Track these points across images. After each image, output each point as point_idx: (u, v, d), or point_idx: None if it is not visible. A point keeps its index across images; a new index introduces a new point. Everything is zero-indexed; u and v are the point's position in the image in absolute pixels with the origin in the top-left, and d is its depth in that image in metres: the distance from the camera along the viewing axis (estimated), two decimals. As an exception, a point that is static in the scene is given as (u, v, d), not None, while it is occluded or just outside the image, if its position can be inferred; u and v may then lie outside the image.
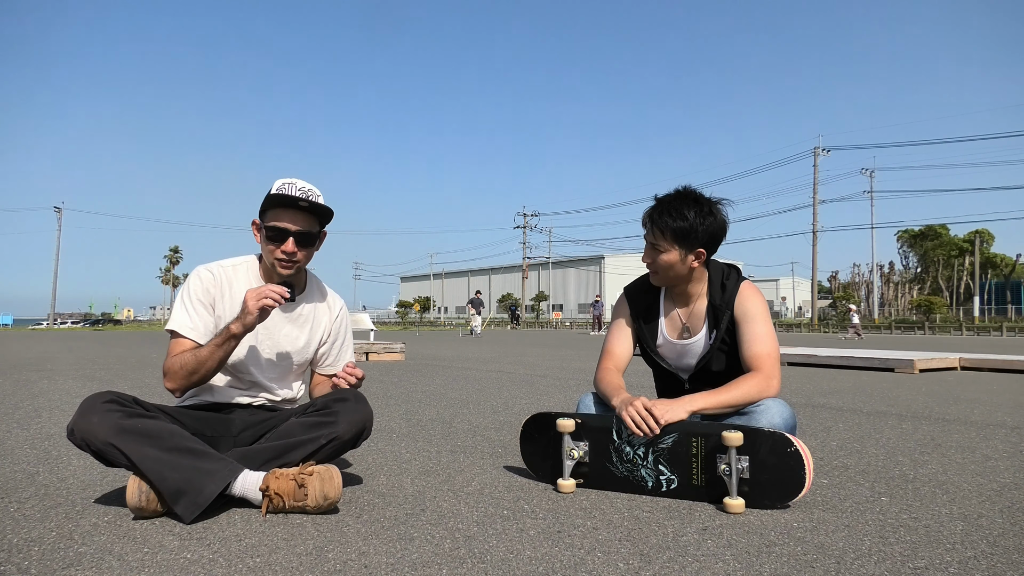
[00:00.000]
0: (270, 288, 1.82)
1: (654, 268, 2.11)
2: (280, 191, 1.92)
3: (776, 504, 1.78)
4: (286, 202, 1.91)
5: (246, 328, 1.84)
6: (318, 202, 1.94)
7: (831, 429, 3.15)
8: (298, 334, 2.08)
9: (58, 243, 51.64)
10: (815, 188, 39.05)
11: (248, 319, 1.82)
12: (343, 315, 2.20)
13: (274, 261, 1.95)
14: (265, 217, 1.95)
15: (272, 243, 1.93)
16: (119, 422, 1.68)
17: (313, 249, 2.01)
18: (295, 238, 1.92)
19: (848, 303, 30.43)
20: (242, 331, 1.84)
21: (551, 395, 4.54)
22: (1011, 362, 6.60)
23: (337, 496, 1.70)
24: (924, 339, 19.48)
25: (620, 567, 1.37)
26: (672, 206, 2.03)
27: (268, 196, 1.93)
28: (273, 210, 1.93)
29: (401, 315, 62.45)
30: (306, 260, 2.00)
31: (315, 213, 1.96)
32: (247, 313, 1.81)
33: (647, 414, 1.87)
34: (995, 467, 2.33)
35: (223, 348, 1.85)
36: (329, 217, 2.01)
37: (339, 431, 1.84)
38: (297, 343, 2.08)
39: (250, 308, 1.81)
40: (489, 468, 2.28)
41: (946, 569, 1.37)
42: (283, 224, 1.91)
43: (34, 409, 3.79)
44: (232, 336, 1.84)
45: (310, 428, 1.85)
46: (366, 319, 11.55)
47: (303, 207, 1.92)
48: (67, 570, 1.35)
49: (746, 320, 2.04)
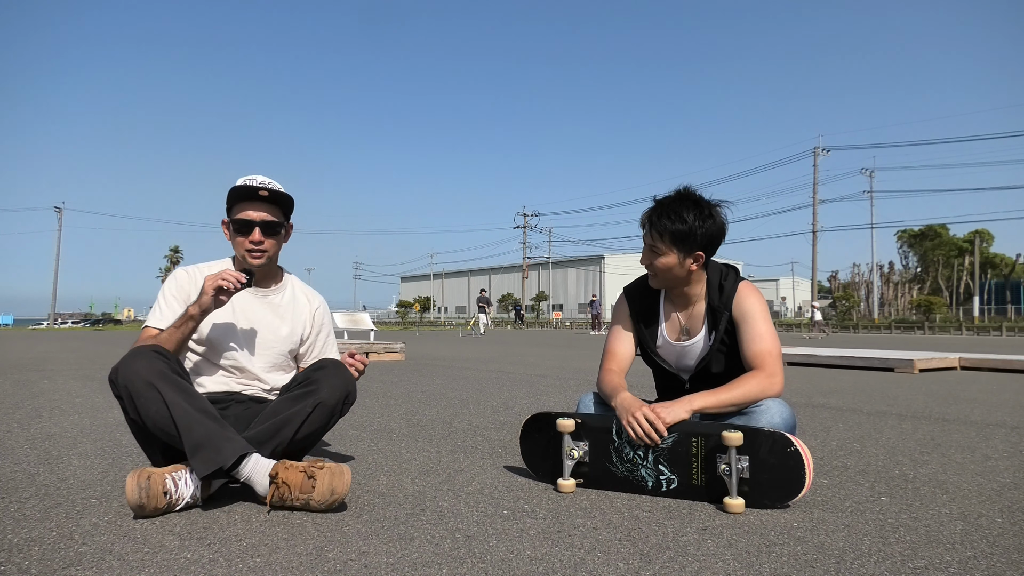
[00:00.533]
0: (227, 271, 1.90)
1: (652, 271, 2.10)
2: (240, 185, 2.05)
3: (776, 504, 1.78)
4: (248, 194, 2.04)
5: (202, 308, 1.90)
6: (278, 190, 2.07)
7: (831, 429, 3.15)
8: (280, 324, 2.17)
9: (58, 243, 51.70)
10: (815, 188, 39.06)
11: (203, 299, 1.89)
12: (323, 309, 2.31)
13: (244, 253, 2.07)
14: (231, 212, 2.07)
15: (240, 235, 2.06)
16: (163, 369, 1.78)
17: (281, 239, 2.13)
18: (260, 227, 2.05)
19: (813, 301, 29.81)
20: (198, 311, 1.91)
21: (551, 395, 4.54)
22: (1011, 362, 6.60)
23: (344, 492, 1.71)
24: (924, 339, 19.48)
25: (620, 567, 1.37)
26: (671, 208, 2.02)
27: (231, 191, 2.06)
28: (237, 204, 2.06)
29: (401, 315, 62.44)
30: (275, 250, 2.12)
31: (277, 203, 2.08)
32: (203, 293, 1.89)
33: (648, 426, 1.86)
34: (995, 467, 2.33)
35: (181, 329, 1.93)
36: (291, 206, 2.14)
37: (323, 396, 1.93)
38: (280, 332, 2.17)
39: (205, 288, 1.88)
40: (489, 468, 2.28)
41: (946, 569, 1.37)
42: (248, 215, 2.04)
43: (34, 409, 3.79)
44: (190, 317, 1.92)
45: (296, 401, 1.93)
46: (366, 319, 11.54)
47: (264, 197, 2.05)
48: (67, 570, 1.35)
49: (745, 319, 2.04)
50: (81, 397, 4.38)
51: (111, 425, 3.18)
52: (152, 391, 1.74)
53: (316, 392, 1.93)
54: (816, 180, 39.08)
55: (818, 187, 39.04)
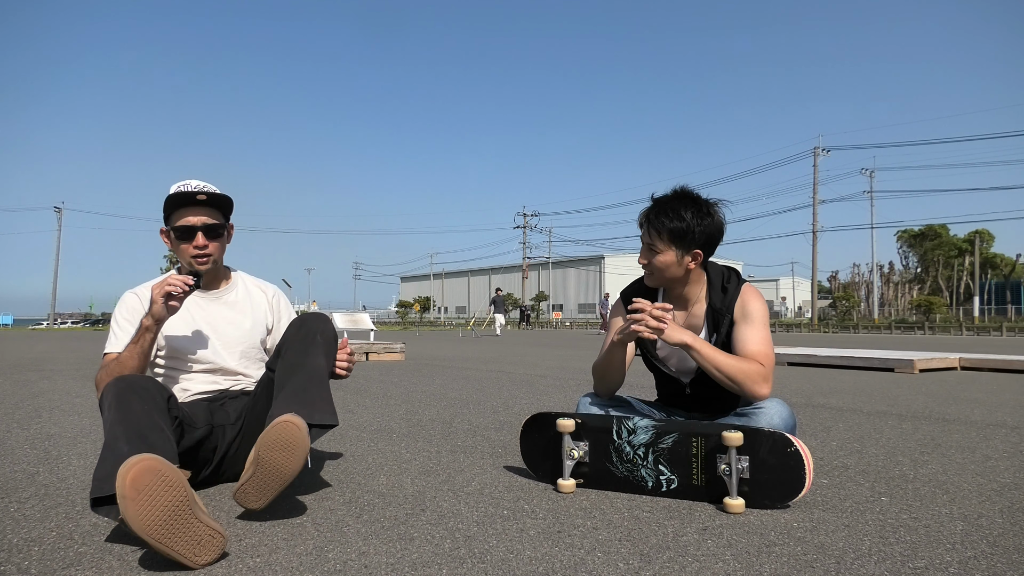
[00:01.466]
0: (172, 276, 1.86)
1: (650, 269, 2.10)
2: (177, 192, 2.01)
3: (776, 504, 1.78)
4: (185, 200, 2.00)
5: (155, 318, 1.85)
6: (215, 192, 2.04)
7: (831, 429, 3.15)
8: (240, 318, 2.16)
9: (58, 243, 51.66)
10: (815, 188, 39.06)
11: (154, 308, 1.84)
12: (278, 295, 2.29)
13: (190, 260, 2.02)
14: (170, 220, 2.03)
15: (183, 242, 2.01)
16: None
17: (224, 241, 2.10)
18: (203, 231, 2.01)
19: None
20: (151, 322, 1.86)
21: (551, 395, 4.54)
22: (1011, 362, 6.60)
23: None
24: (924, 339, 19.48)
25: (620, 567, 1.37)
26: (669, 206, 2.02)
27: (167, 200, 2.00)
28: (176, 212, 2.02)
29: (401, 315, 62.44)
30: (219, 253, 2.09)
31: (215, 205, 2.05)
32: (152, 303, 1.84)
33: (659, 315, 1.92)
34: (995, 467, 2.33)
35: (139, 344, 1.87)
36: (230, 207, 2.10)
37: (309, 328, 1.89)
38: (243, 325, 2.16)
39: (154, 297, 1.84)
40: (489, 468, 2.28)
41: (946, 569, 1.37)
42: (188, 221, 2.00)
43: (34, 409, 3.79)
44: (145, 329, 1.86)
45: (291, 362, 1.84)
46: (366, 319, 11.56)
47: (202, 201, 2.01)
48: (67, 570, 1.35)
49: (744, 322, 2.04)
50: (81, 397, 4.38)
51: (111, 425, 3.18)
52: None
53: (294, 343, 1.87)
54: (816, 180, 39.09)
55: (818, 187, 39.05)
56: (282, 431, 1.57)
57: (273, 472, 1.58)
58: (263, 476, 1.58)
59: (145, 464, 1.34)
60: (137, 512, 1.30)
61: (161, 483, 1.34)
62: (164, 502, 1.33)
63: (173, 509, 1.33)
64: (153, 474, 1.34)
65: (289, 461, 1.57)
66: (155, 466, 1.35)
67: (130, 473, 1.32)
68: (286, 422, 1.58)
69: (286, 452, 1.56)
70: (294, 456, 1.57)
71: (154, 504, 1.32)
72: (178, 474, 1.38)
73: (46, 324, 49.54)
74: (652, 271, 2.10)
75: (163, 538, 1.31)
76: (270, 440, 1.57)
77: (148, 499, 1.31)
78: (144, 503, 1.31)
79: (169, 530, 1.32)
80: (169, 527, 1.32)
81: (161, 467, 1.36)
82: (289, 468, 1.58)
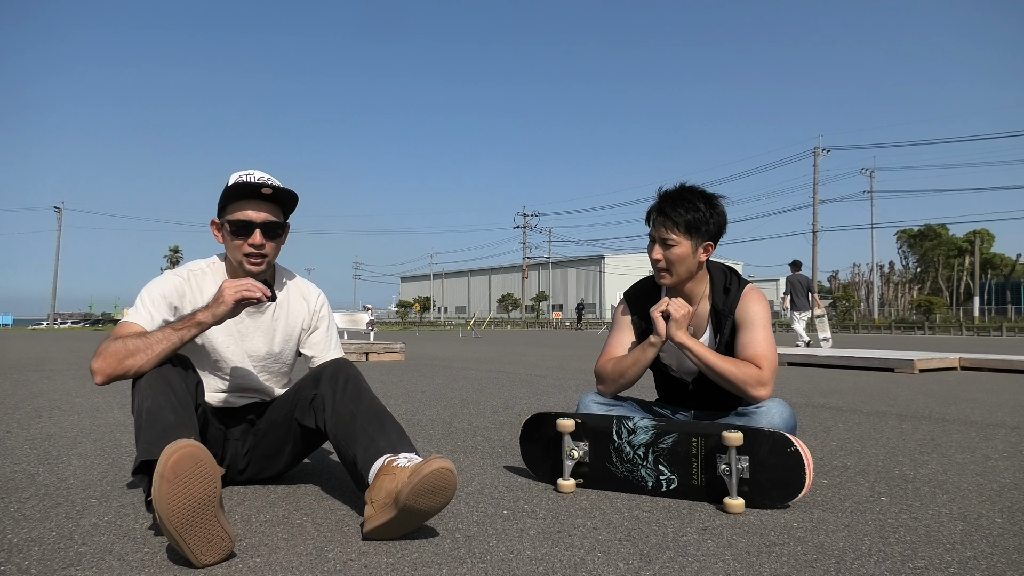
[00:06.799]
0: (252, 282, 1.70)
1: (664, 265, 2.05)
2: (239, 182, 1.81)
3: (776, 504, 1.78)
4: (248, 192, 1.81)
5: (215, 318, 1.69)
6: (281, 187, 1.84)
7: (831, 429, 3.15)
8: (272, 334, 1.98)
9: (58, 243, 51.73)
10: (815, 188, 39.06)
11: (220, 309, 1.68)
12: (321, 303, 2.05)
13: (242, 258, 1.83)
14: (226, 212, 1.84)
15: (238, 238, 1.82)
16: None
17: (280, 242, 1.91)
18: (261, 229, 1.82)
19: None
20: (211, 321, 1.70)
21: (551, 395, 4.54)
22: (1011, 362, 6.60)
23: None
24: (924, 339, 19.48)
25: (620, 567, 1.37)
26: (682, 198, 2.03)
27: (227, 189, 1.82)
28: (234, 203, 1.83)
29: (401, 315, 62.44)
30: (274, 255, 1.90)
31: (278, 201, 1.86)
32: (220, 303, 1.68)
33: (678, 304, 1.99)
34: (995, 467, 2.33)
35: (179, 334, 1.68)
36: (293, 205, 1.91)
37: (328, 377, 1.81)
38: (274, 341, 1.98)
39: (225, 298, 1.67)
40: (489, 468, 2.28)
41: (946, 569, 1.37)
42: (247, 215, 1.81)
43: (34, 409, 3.79)
44: (197, 323, 1.69)
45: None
46: (365, 318, 11.60)
47: (266, 195, 1.82)
48: (67, 570, 1.35)
49: (746, 324, 2.04)
50: (81, 397, 4.38)
51: (111, 425, 3.18)
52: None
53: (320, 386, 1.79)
54: (816, 180, 39.09)
55: (818, 187, 39.05)
56: (437, 477, 1.45)
57: (419, 514, 1.49)
58: (407, 517, 1.48)
59: (189, 450, 1.34)
60: (169, 495, 1.30)
61: (199, 473, 1.33)
62: (196, 493, 1.32)
63: (201, 502, 1.33)
64: (194, 462, 1.33)
65: (438, 502, 1.48)
66: (198, 455, 1.34)
67: (175, 455, 1.32)
68: (443, 469, 1.45)
69: (438, 495, 1.47)
70: (444, 497, 1.48)
71: (187, 492, 1.31)
72: (216, 469, 1.37)
73: (46, 324, 49.58)
74: (668, 265, 2.04)
75: (181, 528, 1.31)
76: (424, 486, 1.44)
77: (183, 486, 1.31)
78: (178, 488, 1.31)
79: (190, 522, 1.32)
80: (191, 519, 1.32)
81: (203, 457, 1.35)
82: (436, 508, 1.49)
